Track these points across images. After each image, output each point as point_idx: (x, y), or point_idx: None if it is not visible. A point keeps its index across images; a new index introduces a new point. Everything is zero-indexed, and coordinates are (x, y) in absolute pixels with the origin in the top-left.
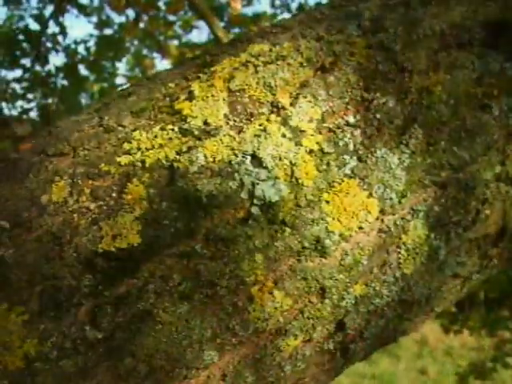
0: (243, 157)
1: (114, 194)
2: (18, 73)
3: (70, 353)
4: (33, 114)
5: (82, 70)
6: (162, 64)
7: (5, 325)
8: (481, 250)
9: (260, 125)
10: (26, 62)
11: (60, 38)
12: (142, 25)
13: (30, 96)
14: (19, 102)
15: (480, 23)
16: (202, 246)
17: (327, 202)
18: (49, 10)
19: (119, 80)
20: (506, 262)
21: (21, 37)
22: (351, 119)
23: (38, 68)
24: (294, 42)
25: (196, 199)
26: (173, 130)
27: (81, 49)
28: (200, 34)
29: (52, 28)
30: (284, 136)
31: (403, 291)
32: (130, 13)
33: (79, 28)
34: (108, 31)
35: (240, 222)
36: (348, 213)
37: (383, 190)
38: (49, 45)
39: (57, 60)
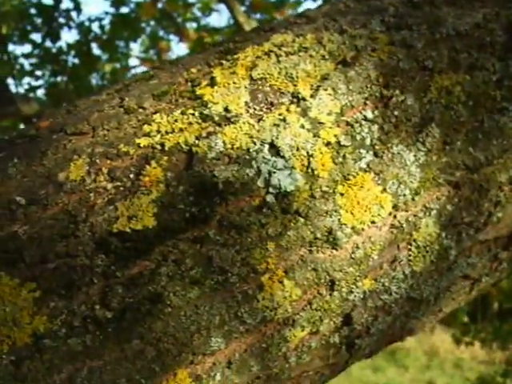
0: (261, 145)
1: (131, 176)
2: (27, 48)
3: (78, 331)
4: (40, 93)
5: (95, 49)
6: (179, 47)
7: (15, 300)
8: (491, 253)
9: (280, 114)
10: (37, 37)
11: (74, 14)
12: (159, 5)
13: (38, 73)
14: (27, 79)
15: (502, 26)
16: (215, 232)
17: (341, 194)
18: None
19: (132, 61)
20: None
21: (32, 11)
22: (369, 114)
23: (48, 44)
24: (317, 33)
25: (212, 185)
26: (193, 114)
27: (95, 27)
28: (220, 18)
29: (66, 3)
30: (303, 127)
31: (412, 289)
32: None
33: (94, 5)
34: (124, 10)
35: (254, 209)
36: (361, 206)
37: (397, 186)
38: (61, 21)
39: (69, 37)
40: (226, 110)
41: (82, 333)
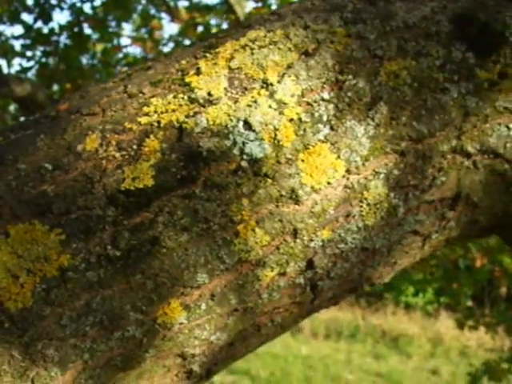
0: (237, 122)
1: (134, 146)
2: (17, 29)
3: (94, 266)
4: (30, 74)
5: (86, 29)
6: (171, 26)
7: (46, 242)
8: (438, 212)
9: (252, 97)
10: (27, 18)
11: None
12: None
13: (29, 54)
14: (17, 60)
15: (448, 17)
16: (200, 190)
17: (302, 160)
18: None
19: (124, 41)
20: (468, 227)
21: None
22: (326, 95)
23: (40, 25)
24: (285, 29)
25: (198, 153)
26: (183, 98)
27: (87, 8)
28: None
29: None
30: (270, 107)
31: (365, 240)
32: None
33: None
34: None
35: (232, 172)
36: (319, 170)
37: (350, 154)
38: (53, 1)
39: (61, 18)
40: (209, 94)
41: (97, 267)
